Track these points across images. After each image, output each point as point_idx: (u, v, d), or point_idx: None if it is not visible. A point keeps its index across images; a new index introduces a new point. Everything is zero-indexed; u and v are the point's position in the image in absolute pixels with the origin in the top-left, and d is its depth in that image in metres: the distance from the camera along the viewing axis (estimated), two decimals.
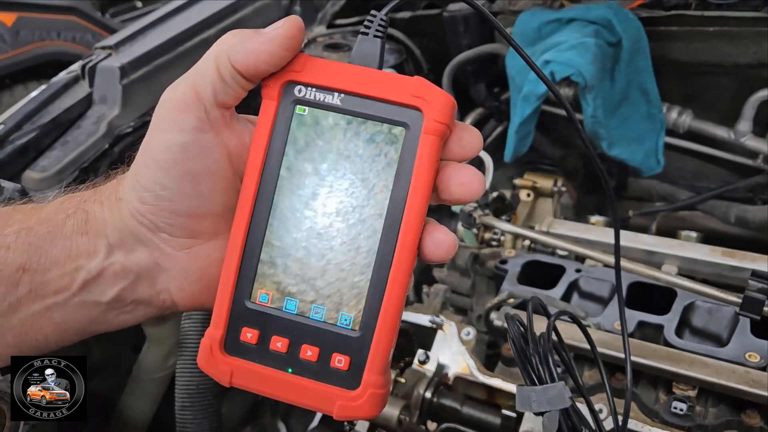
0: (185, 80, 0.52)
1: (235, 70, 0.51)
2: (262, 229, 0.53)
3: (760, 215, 1.48)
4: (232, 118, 0.54)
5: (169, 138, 0.51)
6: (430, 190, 0.52)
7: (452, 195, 0.53)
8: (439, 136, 0.51)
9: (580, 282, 1.25)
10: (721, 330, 1.15)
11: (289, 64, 0.52)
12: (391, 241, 0.51)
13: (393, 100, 0.51)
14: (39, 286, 0.53)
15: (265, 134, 0.53)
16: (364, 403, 0.52)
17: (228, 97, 0.52)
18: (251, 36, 0.51)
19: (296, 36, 0.51)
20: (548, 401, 0.64)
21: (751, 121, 1.49)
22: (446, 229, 0.54)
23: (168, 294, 0.56)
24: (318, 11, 1.88)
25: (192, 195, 0.53)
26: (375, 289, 0.52)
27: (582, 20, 1.42)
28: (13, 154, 1.31)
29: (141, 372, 1.30)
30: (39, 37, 3.85)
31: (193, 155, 0.52)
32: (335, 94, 0.52)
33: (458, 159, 0.54)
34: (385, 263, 0.52)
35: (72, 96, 1.46)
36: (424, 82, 0.51)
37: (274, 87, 0.53)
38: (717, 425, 1.04)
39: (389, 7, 0.54)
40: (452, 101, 0.52)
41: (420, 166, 0.51)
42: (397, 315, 0.52)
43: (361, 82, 0.52)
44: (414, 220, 0.51)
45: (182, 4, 1.67)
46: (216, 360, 0.53)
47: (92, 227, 0.54)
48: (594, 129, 1.44)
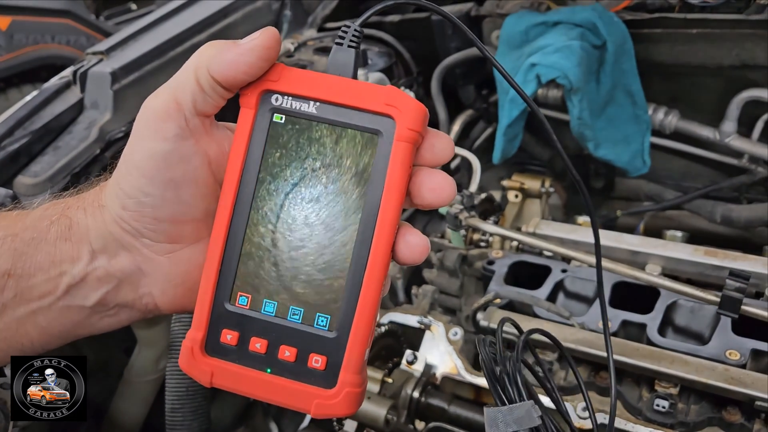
0: (165, 90, 0.54)
1: (214, 80, 0.52)
2: (241, 234, 0.55)
3: (745, 214, 1.50)
4: (212, 126, 0.56)
5: (150, 146, 0.53)
6: (403, 195, 0.54)
7: (424, 200, 0.55)
8: (411, 143, 0.53)
9: (565, 282, 1.27)
10: (704, 328, 1.17)
11: (266, 73, 0.54)
12: (366, 245, 0.53)
13: (367, 108, 0.53)
14: (24, 290, 0.54)
15: (243, 142, 0.54)
16: (340, 402, 0.53)
17: (207, 106, 0.54)
18: (229, 47, 0.52)
19: (273, 47, 0.52)
20: (515, 421, 0.64)
21: (735, 122, 1.51)
22: (419, 232, 0.55)
23: (151, 298, 0.58)
24: (308, 14, 1.89)
25: (173, 201, 0.55)
26: (350, 292, 0.53)
27: (567, 23, 1.43)
28: (5, 160, 1.32)
29: (132, 375, 1.32)
30: (33, 41, 3.85)
31: (174, 162, 0.53)
32: (311, 103, 0.54)
33: (431, 165, 0.55)
34: (360, 266, 0.53)
35: (63, 101, 1.47)
36: (397, 91, 0.53)
37: (251, 96, 0.54)
38: (699, 422, 1.06)
39: (363, 19, 0.56)
40: (424, 109, 0.53)
41: (393, 172, 0.53)
42: (372, 316, 0.54)
43: (335, 91, 0.53)
44: (388, 224, 0.53)
45: (173, 9, 1.68)
46: (197, 361, 0.55)
47: (75, 233, 0.55)
48: (580, 130, 1.46)
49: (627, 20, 1.46)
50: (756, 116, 1.51)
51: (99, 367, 1.35)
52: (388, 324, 1.28)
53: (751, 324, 1.06)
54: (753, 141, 1.53)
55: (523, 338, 0.70)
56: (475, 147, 1.79)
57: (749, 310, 1.02)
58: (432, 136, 0.55)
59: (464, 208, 1.28)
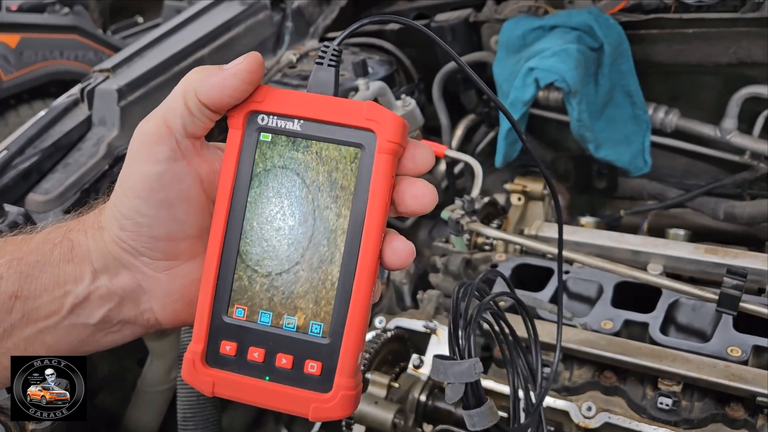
0: (156, 115, 0.56)
1: (202, 104, 0.55)
2: (235, 249, 0.57)
3: (748, 210, 1.50)
4: (202, 146, 0.58)
5: (144, 168, 0.55)
6: (387, 204, 0.56)
7: (408, 207, 0.57)
8: (392, 155, 0.55)
9: (567, 283, 1.28)
10: (705, 326, 1.18)
11: (251, 95, 0.56)
12: (354, 253, 0.55)
13: (348, 123, 0.55)
14: (31, 311, 0.56)
15: (233, 160, 0.57)
16: (336, 405, 0.56)
17: (197, 128, 0.56)
18: (215, 72, 0.55)
19: (256, 70, 0.55)
20: (455, 375, 0.71)
21: (735, 119, 1.52)
22: (404, 238, 0.58)
23: (152, 313, 0.60)
24: (310, 25, 1.92)
25: (169, 220, 0.57)
26: (341, 299, 0.56)
27: (564, 27, 1.45)
28: (16, 179, 1.36)
29: (145, 385, 1.34)
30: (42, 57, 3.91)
31: (168, 183, 0.56)
32: (295, 121, 0.56)
33: (413, 174, 0.58)
34: (349, 274, 0.56)
35: (72, 119, 1.51)
36: (376, 105, 0.55)
37: (238, 117, 0.57)
38: (703, 419, 1.07)
39: (340, 38, 0.58)
40: (403, 122, 0.56)
41: (376, 183, 0.55)
42: (363, 321, 0.56)
43: (318, 108, 0.56)
44: (374, 232, 0.55)
45: (176, 25, 1.71)
46: (198, 372, 0.57)
47: (77, 255, 0.57)
48: (580, 132, 1.47)
49: (623, 22, 1.47)
50: (756, 113, 1.52)
51: (113, 379, 1.38)
52: (395, 329, 1.29)
53: (753, 320, 1.07)
54: (754, 137, 1.53)
55: (487, 299, 0.77)
56: (478, 151, 1.81)
57: (748, 307, 1.03)
58: (413, 146, 0.57)
59: (465, 213, 1.30)
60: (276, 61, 1.74)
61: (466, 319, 0.74)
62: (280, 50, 1.78)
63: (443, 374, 0.72)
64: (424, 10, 1.88)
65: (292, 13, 1.83)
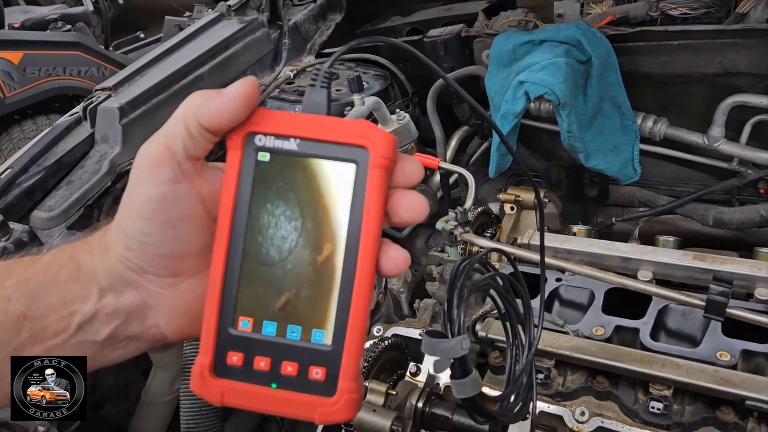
0: (158, 138, 0.59)
1: (202, 127, 0.58)
2: (238, 264, 0.60)
3: (737, 216, 1.54)
4: (203, 167, 0.61)
5: (148, 190, 0.58)
6: (381, 215, 0.59)
7: (401, 218, 0.60)
8: (384, 170, 0.59)
9: (560, 291, 1.31)
10: (695, 331, 1.21)
11: (248, 117, 0.60)
12: (352, 263, 0.59)
13: (342, 141, 0.59)
14: (39, 330, 0.59)
15: (233, 180, 0.60)
16: (341, 408, 0.58)
17: (197, 150, 0.59)
18: (213, 96, 0.58)
19: (253, 94, 0.58)
20: (442, 351, 0.75)
21: (723, 127, 1.55)
22: (399, 247, 0.61)
23: (158, 328, 0.63)
24: (306, 42, 1.95)
25: (173, 238, 0.60)
26: (342, 307, 0.59)
27: (553, 41, 1.48)
28: (20, 196, 1.39)
29: (149, 396, 1.37)
30: (45, 73, 3.96)
31: (171, 204, 0.59)
32: (291, 140, 0.59)
33: (404, 186, 0.61)
34: (348, 283, 0.59)
35: (75, 137, 1.54)
36: (368, 123, 0.59)
37: (237, 138, 0.60)
38: (694, 422, 1.10)
39: (330, 62, 0.62)
40: (393, 138, 0.59)
41: (371, 196, 0.58)
42: (363, 327, 0.60)
43: (312, 127, 0.59)
44: (370, 243, 0.59)
45: (176, 44, 1.74)
46: (207, 383, 0.60)
47: (84, 275, 0.60)
48: (570, 143, 1.50)
49: (611, 35, 1.51)
50: (743, 120, 1.55)
51: (118, 390, 1.41)
52: (392, 337, 1.32)
53: (742, 325, 1.10)
54: (741, 145, 1.56)
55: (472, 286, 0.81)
56: (472, 162, 1.84)
57: (734, 313, 1.06)
58: (403, 161, 0.60)
59: (459, 224, 1.33)
60: (274, 77, 1.77)
61: (460, 297, 0.78)
62: (277, 66, 1.81)
63: (431, 350, 0.76)
64: (418, 26, 1.92)
65: (289, 30, 1.87)
